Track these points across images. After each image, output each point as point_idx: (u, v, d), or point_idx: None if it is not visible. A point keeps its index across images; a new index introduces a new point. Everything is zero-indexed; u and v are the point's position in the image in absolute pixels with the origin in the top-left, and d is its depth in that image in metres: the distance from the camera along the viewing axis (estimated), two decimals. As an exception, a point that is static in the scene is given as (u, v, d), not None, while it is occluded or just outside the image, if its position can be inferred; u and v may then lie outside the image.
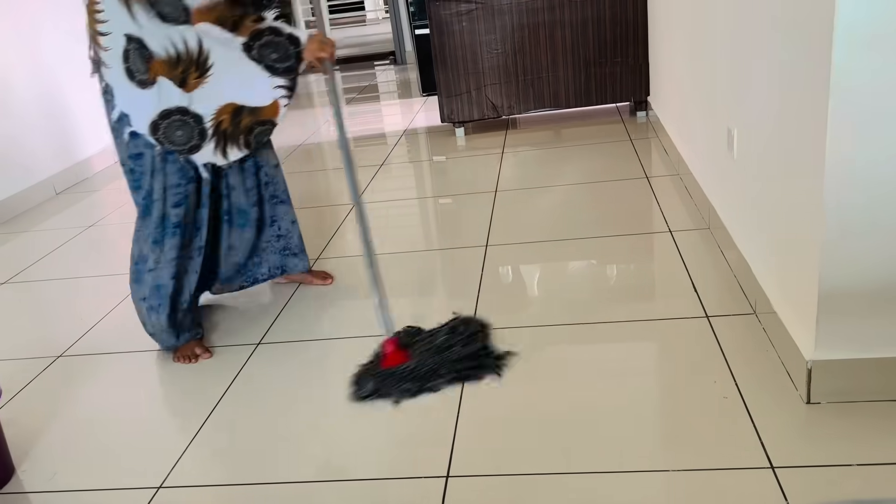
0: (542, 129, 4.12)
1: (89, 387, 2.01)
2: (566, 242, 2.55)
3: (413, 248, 2.69)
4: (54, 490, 1.60)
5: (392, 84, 6.34)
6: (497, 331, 1.99)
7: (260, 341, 2.12)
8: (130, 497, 1.54)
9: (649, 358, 1.79)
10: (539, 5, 3.81)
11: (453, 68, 3.97)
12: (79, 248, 3.14)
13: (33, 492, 1.60)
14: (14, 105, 3.80)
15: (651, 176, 3.09)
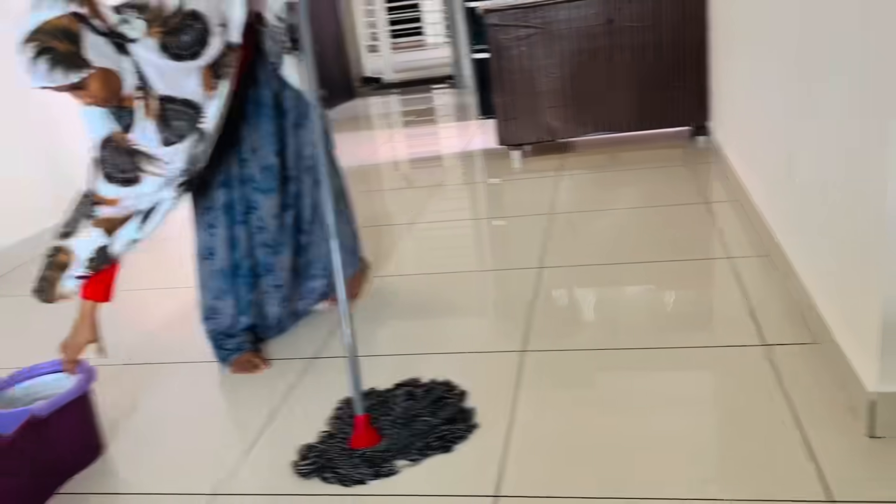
0: (598, 152, 4.11)
1: (150, 394, 2.08)
2: (622, 266, 2.53)
3: (465, 269, 2.71)
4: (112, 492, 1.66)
5: (449, 107, 6.42)
6: (549, 354, 1.99)
7: (314, 356, 2.17)
8: (185, 502, 1.59)
9: (706, 386, 1.76)
10: (598, 30, 3.82)
11: (511, 91, 4.00)
12: (147, 261, 3.25)
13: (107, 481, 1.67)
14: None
15: (710, 201, 3.04)
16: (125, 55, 1.62)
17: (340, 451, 1.63)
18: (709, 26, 3.70)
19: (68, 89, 1.57)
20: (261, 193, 2.07)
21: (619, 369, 1.88)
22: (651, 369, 1.86)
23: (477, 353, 2.06)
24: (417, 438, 1.65)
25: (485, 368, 1.97)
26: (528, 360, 1.97)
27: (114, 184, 1.73)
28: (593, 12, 3.80)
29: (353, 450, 1.63)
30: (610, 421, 1.66)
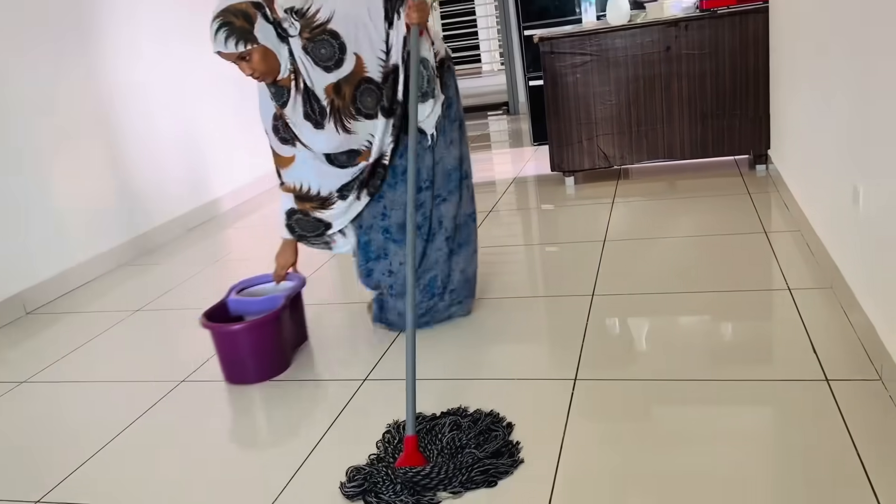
0: (655, 180, 4.06)
1: (206, 411, 2.13)
2: (677, 296, 2.49)
3: (517, 295, 2.70)
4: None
5: (504, 133, 6.45)
6: (601, 383, 1.96)
7: (366, 377, 2.18)
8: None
9: (764, 421, 1.70)
10: (655, 58, 3.80)
11: (565, 118, 4.00)
12: (204, 281, 3.35)
13: None
14: (157, 146, 4.14)
15: (770, 231, 2.97)
16: (285, 44, 2.03)
17: (385, 475, 1.63)
18: (769, 54, 3.64)
19: (236, 59, 1.98)
20: (394, 244, 2.35)
21: (674, 402, 1.84)
22: (707, 402, 1.81)
23: (527, 381, 2.04)
24: (461, 471, 1.64)
25: (535, 396, 1.95)
26: (579, 389, 1.94)
27: (287, 145, 2.24)
28: (650, 40, 3.79)
29: (397, 474, 1.63)
30: (663, 457, 1.62)
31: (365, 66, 2.10)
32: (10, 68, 3.22)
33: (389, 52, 2.12)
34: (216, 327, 2.24)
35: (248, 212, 4.62)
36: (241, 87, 5.00)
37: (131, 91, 3.95)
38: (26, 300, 3.20)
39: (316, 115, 2.14)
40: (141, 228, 3.96)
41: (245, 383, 2.25)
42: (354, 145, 2.21)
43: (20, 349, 2.80)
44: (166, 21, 4.30)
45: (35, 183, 3.30)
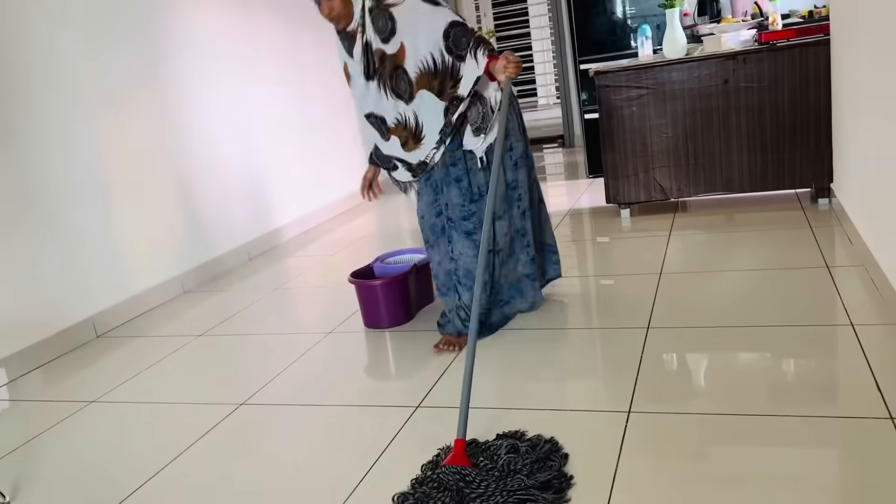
0: (713, 213, 4.01)
1: (264, 435, 2.19)
2: (736, 330, 2.45)
3: (572, 326, 2.70)
4: None
5: (559, 166, 6.46)
6: (656, 416, 1.95)
7: (419, 405, 2.21)
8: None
9: (826, 460, 1.66)
10: (713, 91, 3.79)
11: (621, 151, 4.00)
12: (264, 308, 3.45)
13: None
14: (222, 175, 4.31)
15: (832, 266, 2.90)
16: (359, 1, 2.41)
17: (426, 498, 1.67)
18: (831, 86, 3.59)
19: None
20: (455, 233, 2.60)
21: (732, 439, 1.81)
22: (767, 440, 1.77)
23: (579, 412, 2.04)
24: (503, 493, 1.64)
25: (587, 428, 1.94)
26: (633, 423, 1.93)
27: None
28: (707, 73, 3.78)
29: (443, 472, 1.70)
30: (720, 498, 1.59)
31: (406, 57, 2.40)
32: (81, 103, 3.41)
33: (458, 82, 2.41)
34: (359, 282, 2.92)
35: (308, 241, 4.74)
36: (304, 117, 5.18)
37: (196, 121, 4.13)
38: (97, 324, 3.35)
39: (370, 69, 2.45)
40: (205, 256, 4.10)
41: (378, 328, 2.91)
42: (384, 114, 2.52)
43: (90, 370, 2.93)
44: (231, 50, 4.49)
45: (105, 212, 3.47)
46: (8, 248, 2.97)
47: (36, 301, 3.07)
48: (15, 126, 3.03)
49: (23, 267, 3.03)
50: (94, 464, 2.15)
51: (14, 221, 3.00)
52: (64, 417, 2.49)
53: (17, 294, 2.99)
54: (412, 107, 2.47)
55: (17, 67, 3.06)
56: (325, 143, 5.49)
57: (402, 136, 2.54)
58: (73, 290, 3.24)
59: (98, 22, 3.47)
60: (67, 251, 3.23)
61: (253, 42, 4.69)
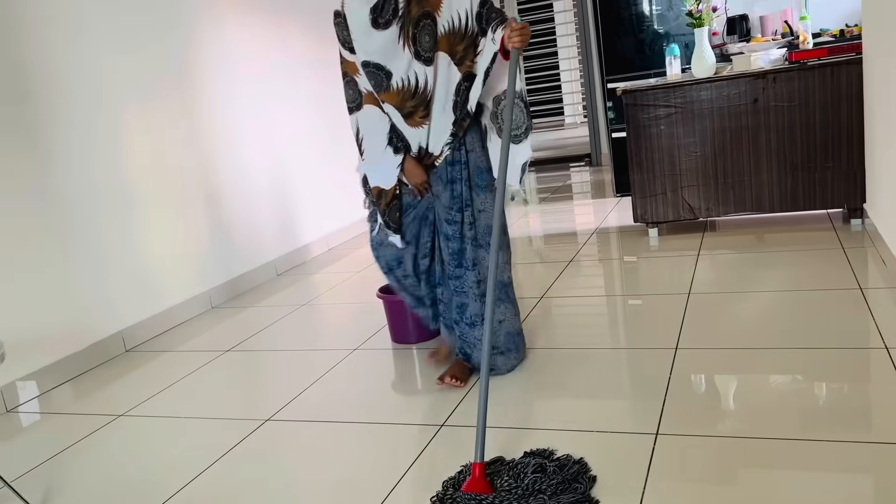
0: (742, 233, 3.96)
1: (289, 451, 2.19)
2: (766, 352, 2.41)
3: (597, 346, 2.68)
4: None
5: (586, 185, 6.44)
6: (685, 439, 1.92)
7: (444, 423, 2.20)
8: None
9: (859, 487, 1.62)
10: (742, 109, 3.76)
11: (649, 170, 3.98)
12: (291, 324, 3.47)
13: None
14: (249, 190, 4.36)
15: (866, 287, 2.85)
16: None
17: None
18: (864, 105, 3.54)
19: None
20: (443, 237, 2.45)
21: (763, 463, 1.77)
22: (797, 466, 1.74)
23: (606, 434, 2.01)
24: None
25: (614, 450, 1.92)
26: (661, 445, 1.90)
27: None
28: (736, 92, 3.75)
29: (460, 497, 1.67)
30: (750, 515, 1.56)
31: (441, 6, 2.18)
32: (106, 115, 3.48)
33: (477, 56, 2.22)
34: (387, 298, 2.93)
35: (336, 258, 4.77)
36: (332, 135, 5.23)
37: (224, 134, 4.19)
38: (126, 338, 3.39)
39: (389, 12, 2.15)
40: (233, 272, 4.15)
41: (406, 343, 2.94)
42: (393, 68, 2.21)
43: (119, 384, 2.97)
44: (259, 63, 4.55)
45: (134, 227, 3.53)
46: (38, 262, 3.03)
47: (66, 315, 3.13)
48: (42, 140, 3.10)
49: (53, 281, 3.08)
50: (122, 477, 2.17)
51: (44, 236, 3.06)
52: (92, 431, 2.52)
53: (47, 308, 3.04)
54: (429, 70, 2.21)
55: (42, 79, 3.14)
56: (351, 159, 5.52)
57: (408, 106, 2.26)
58: (102, 304, 3.29)
59: (124, 32, 3.54)
60: (97, 266, 3.29)
61: (282, 55, 4.76)
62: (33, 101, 3.04)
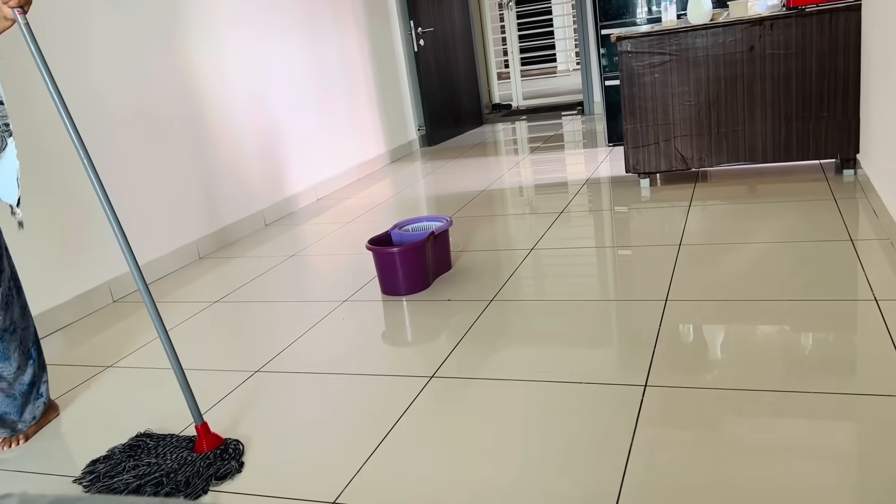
0: (734, 183, 3.94)
1: (279, 400, 2.19)
2: (755, 303, 2.41)
3: (587, 298, 2.67)
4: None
5: (578, 134, 6.38)
6: (672, 390, 1.92)
7: (434, 374, 2.20)
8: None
9: (844, 436, 1.63)
10: (738, 58, 3.69)
11: (642, 119, 3.93)
12: (280, 275, 3.44)
13: (226, 491, 1.76)
14: (237, 139, 4.28)
15: (856, 239, 2.84)
16: None
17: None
18: (861, 54, 3.48)
19: None
20: None
21: (747, 413, 1.78)
22: (782, 415, 1.75)
23: (595, 385, 2.02)
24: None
25: (603, 401, 1.93)
26: (650, 396, 1.91)
27: None
28: (732, 39, 3.68)
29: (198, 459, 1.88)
30: (732, 468, 1.58)
31: None
32: (103, 71, 3.39)
33: None
34: (377, 250, 2.91)
35: (324, 208, 4.72)
36: (321, 84, 5.12)
37: (213, 88, 4.10)
38: (113, 289, 3.37)
39: None
40: (221, 222, 4.10)
41: (396, 295, 2.93)
42: None
43: (107, 335, 2.95)
44: (246, 11, 4.43)
45: (123, 178, 3.46)
46: (27, 214, 2.97)
47: (53, 265, 3.09)
48: (22, 91, 3.02)
49: (39, 232, 3.04)
50: (113, 427, 2.17)
51: (32, 187, 3.00)
52: (82, 381, 2.51)
53: (33, 258, 3.00)
54: None
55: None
56: (340, 109, 5.44)
57: None
58: (89, 254, 3.25)
59: (112, -16, 3.42)
60: (84, 216, 3.24)
61: (270, 5, 4.62)
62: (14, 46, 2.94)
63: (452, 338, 2.44)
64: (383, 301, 2.91)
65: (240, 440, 1.96)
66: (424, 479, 1.69)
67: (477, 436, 1.85)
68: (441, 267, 3.09)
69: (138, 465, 1.89)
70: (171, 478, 1.81)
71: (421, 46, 6.38)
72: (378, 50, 6.03)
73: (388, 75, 6.19)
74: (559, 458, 1.70)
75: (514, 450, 1.76)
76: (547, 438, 1.79)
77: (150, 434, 2.05)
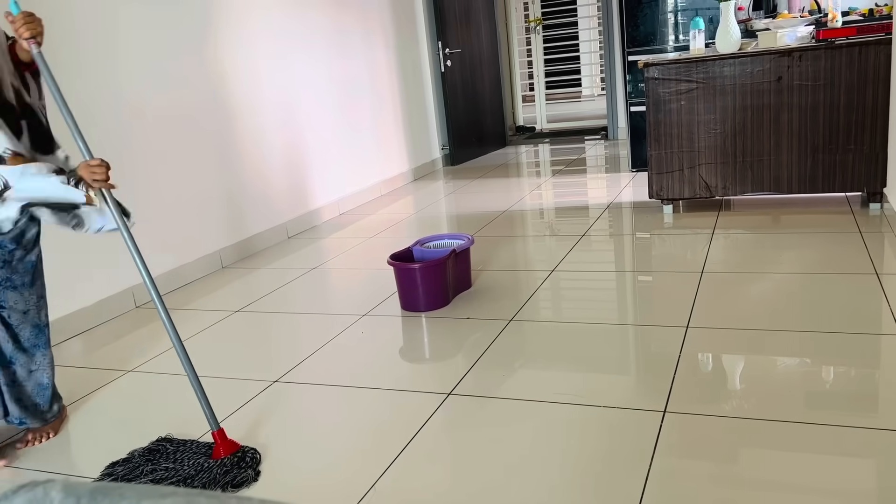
0: (758, 213, 3.92)
1: (297, 411, 2.20)
2: (777, 334, 2.39)
3: (605, 322, 2.66)
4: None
5: (601, 158, 6.38)
6: (695, 418, 1.91)
7: (451, 392, 2.20)
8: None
9: (866, 474, 1.61)
10: (766, 87, 3.69)
11: (667, 145, 3.93)
12: (301, 287, 3.47)
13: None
14: (264, 152, 4.33)
15: (882, 273, 2.81)
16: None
17: None
18: (890, 88, 3.47)
19: None
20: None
21: (767, 445, 1.76)
22: (803, 449, 1.73)
23: (614, 409, 2.01)
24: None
25: (620, 425, 1.92)
26: (668, 423, 1.89)
27: None
28: (760, 69, 3.68)
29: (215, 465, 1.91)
30: (749, 501, 1.56)
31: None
32: (136, 78, 3.45)
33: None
34: (398, 265, 2.93)
35: (347, 222, 4.75)
36: (347, 102, 5.18)
37: (242, 100, 4.16)
38: (136, 294, 3.41)
39: None
40: (245, 233, 4.14)
41: (416, 311, 2.94)
42: None
43: (128, 340, 2.98)
44: (278, 23, 4.50)
45: (150, 185, 3.52)
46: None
47: (77, 269, 3.13)
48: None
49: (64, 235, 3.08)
50: (131, 430, 2.19)
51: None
52: (102, 385, 2.54)
53: (59, 261, 3.05)
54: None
55: (70, 31, 3.10)
56: (366, 125, 5.49)
57: None
58: (113, 260, 3.30)
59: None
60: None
61: (299, 21, 4.70)
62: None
63: (470, 356, 2.44)
64: (402, 317, 2.92)
65: (257, 449, 1.97)
66: (439, 495, 1.69)
67: (492, 455, 1.84)
68: (461, 285, 3.09)
69: (156, 470, 1.90)
70: (188, 483, 1.82)
71: (448, 67, 6.44)
72: (405, 68, 6.09)
73: (414, 94, 6.24)
74: (575, 481, 1.69)
75: (529, 470, 1.75)
76: (563, 461, 1.78)
77: (170, 439, 2.07)
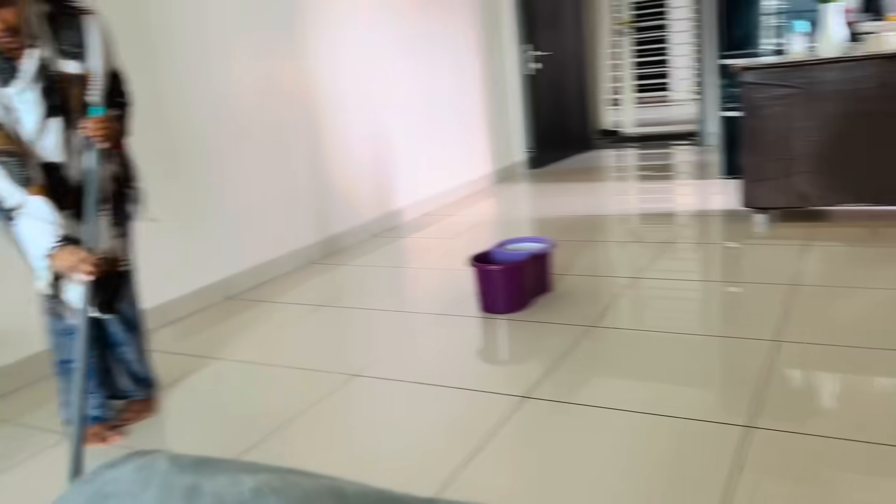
0: (857, 225, 3.73)
1: (373, 405, 2.25)
2: (874, 352, 2.27)
3: (689, 332, 2.60)
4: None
5: (689, 165, 6.22)
6: (778, 435, 1.84)
7: (528, 395, 2.20)
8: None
9: (969, 502, 1.51)
10: (867, 94, 3.51)
11: (761, 153, 3.79)
12: (383, 285, 3.54)
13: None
14: (352, 150, 4.43)
15: None
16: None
17: None
18: None
19: None
20: None
21: (862, 469, 1.68)
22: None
23: (696, 421, 1.96)
24: None
25: (702, 440, 1.87)
26: (750, 438, 1.83)
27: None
28: (863, 75, 3.50)
29: None
30: (844, 520, 1.49)
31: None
32: (230, 78, 3.60)
33: None
34: (479, 266, 2.95)
35: (428, 224, 4.81)
36: (430, 104, 5.24)
37: (330, 100, 4.26)
38: (227, 286, 3.55)
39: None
40: (332, 230, 4.25)
41: (494, 313, 2.91)
42: None
43: (218, 330, 3.12)
44: (366, 23, 4.59)
45: (241, 182, 3.66)
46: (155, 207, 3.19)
47: (173, 260, 3.29)
48: (158, 96, 3.24)
49: (164, 226, 3.24)
50: (220, 414, 2.28)
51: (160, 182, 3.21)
52: (191, 371, 2.67)
53: (157, 251, 3.21)
54: None
55: (161, 31, 3.27)
56: (450, 127, 5.54)
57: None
58: (208, 252, 3.45)
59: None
60: (205, 215, 3.44)
61: (388, 20, 4.78)
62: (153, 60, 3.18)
63: (548, 360, 2.43)
64: (481, 318, 2.93)
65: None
66: (510, 496, 1.69)
67: (567, 461, 1.83)
68: (541, 288, 3.08)
69: None
70: None
71: (533, 69, 6.41)
72: (491, 70, 6.10)
73: (499, 95, 6.25)
74: (652, 492, 1.66)
75: (604, 478, 1.73)
76: (635, 469, 1.75)
77: None
